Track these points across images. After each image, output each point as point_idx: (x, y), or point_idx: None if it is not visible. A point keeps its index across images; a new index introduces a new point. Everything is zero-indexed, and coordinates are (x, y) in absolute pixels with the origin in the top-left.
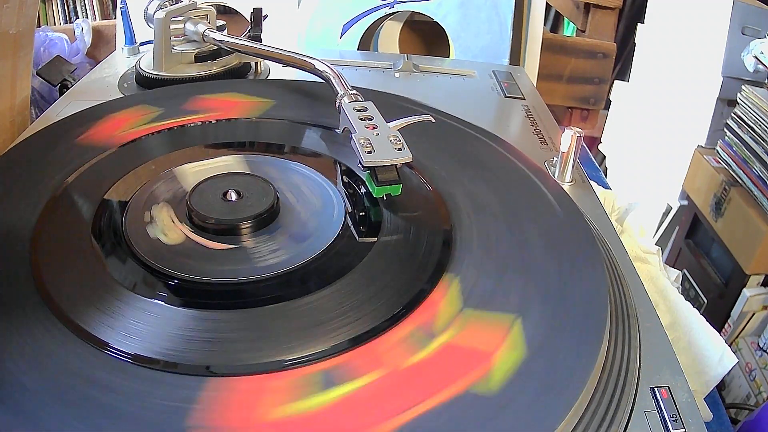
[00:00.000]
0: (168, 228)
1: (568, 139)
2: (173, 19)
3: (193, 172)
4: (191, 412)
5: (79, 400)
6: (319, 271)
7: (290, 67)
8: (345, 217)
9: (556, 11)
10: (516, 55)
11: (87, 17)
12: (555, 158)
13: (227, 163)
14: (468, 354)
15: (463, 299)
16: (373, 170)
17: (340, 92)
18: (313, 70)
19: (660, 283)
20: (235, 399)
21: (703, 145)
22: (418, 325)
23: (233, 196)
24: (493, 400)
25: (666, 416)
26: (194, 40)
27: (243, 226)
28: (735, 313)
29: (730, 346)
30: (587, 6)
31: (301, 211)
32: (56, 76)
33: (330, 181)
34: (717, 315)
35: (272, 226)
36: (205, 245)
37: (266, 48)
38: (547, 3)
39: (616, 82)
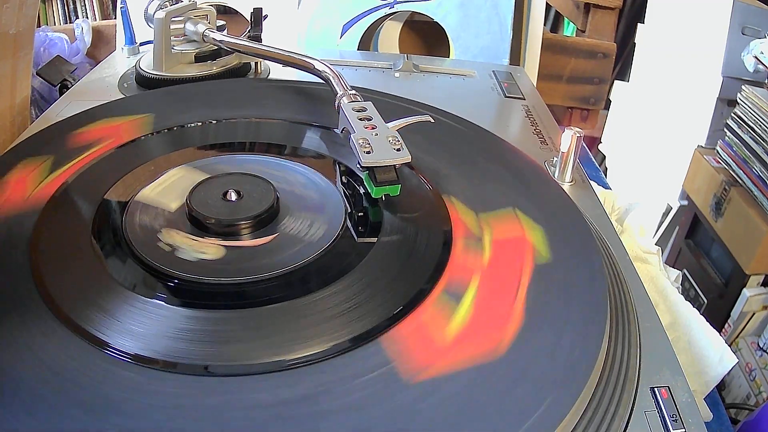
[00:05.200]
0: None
1: (568, 139)
2: (173, 19)
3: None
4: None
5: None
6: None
7: (290, 67)
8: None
9: (556, 11)
10: (516, 55)
11: (87, 17)
12: (555, 158)
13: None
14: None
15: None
16: (371, 170)
17: (339, 92)
18: (313, 70)
19: (660, 283)
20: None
21: (703, 145)
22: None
23: (233, 196)
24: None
25: (666, 416)
26: (194, 40)
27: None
28: (735, 313)
29: (730, 346)
30: (587, 6)
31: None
32: (56, 76)
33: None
34: (717, 315)
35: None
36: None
37: (266, 48)
38: (547, 3)
39: (616, 82)
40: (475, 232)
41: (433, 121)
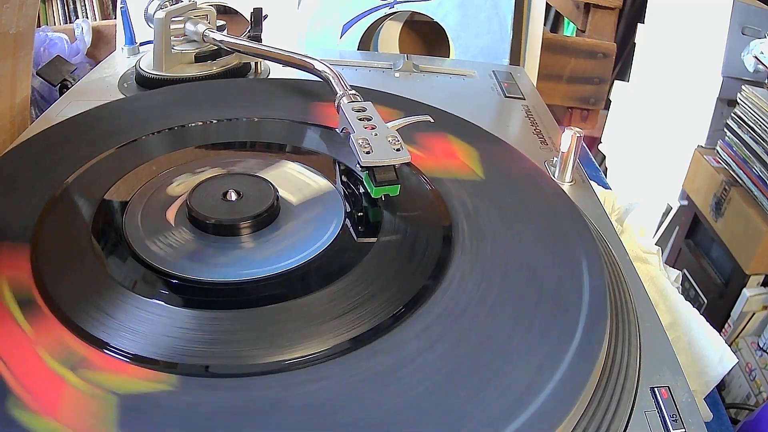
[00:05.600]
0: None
1: (568, 139)
2: (173, 19)
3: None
4: None
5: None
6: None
7: (290, 67)
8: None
9: (556, 11)
10: (516, 55)
11: (87, 17)
12: (555, 158)
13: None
14: None
15: None
16: (371, 170)
17: (339, 92)
18: (313, 70)
19: (660, 283)
20: None
21: (703, 145)
22: None
23: (233, 196)
24: None
25: (666, 416)
26: (194, 40)
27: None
28: (735, 313)
29: (730, 346)
30: (587, 6)
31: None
32: (56, 76)
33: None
34: (717, 315)
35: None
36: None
37: (266, 48)
38: (547, 3)
39: (616, 82)
40: None
41: (432, 121)
